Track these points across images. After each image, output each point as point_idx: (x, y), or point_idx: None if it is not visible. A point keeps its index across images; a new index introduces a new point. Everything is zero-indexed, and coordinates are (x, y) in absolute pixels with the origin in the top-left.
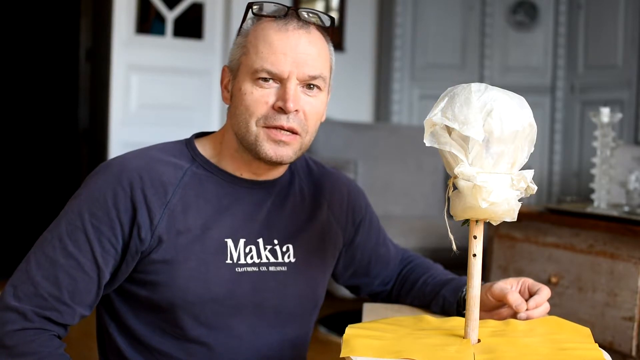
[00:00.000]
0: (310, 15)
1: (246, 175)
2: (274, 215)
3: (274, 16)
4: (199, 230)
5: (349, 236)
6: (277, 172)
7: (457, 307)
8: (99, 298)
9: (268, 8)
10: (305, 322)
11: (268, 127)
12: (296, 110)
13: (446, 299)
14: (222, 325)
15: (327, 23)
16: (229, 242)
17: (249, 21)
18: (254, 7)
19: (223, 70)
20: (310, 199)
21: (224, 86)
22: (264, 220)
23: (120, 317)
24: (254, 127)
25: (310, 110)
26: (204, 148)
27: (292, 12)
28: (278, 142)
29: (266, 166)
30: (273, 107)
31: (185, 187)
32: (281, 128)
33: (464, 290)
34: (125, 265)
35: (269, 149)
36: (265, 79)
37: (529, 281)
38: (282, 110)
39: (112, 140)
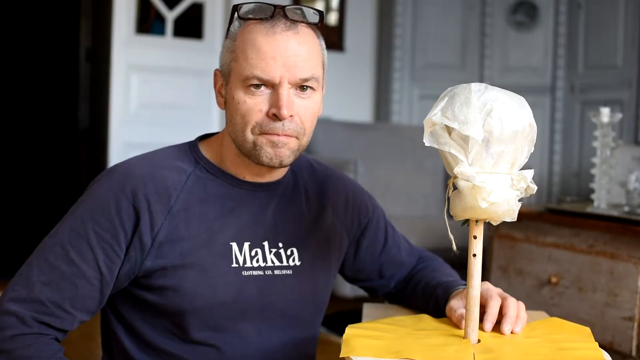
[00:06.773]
0: (297, 13)
1: (249, 177)
2: (278, 218)
3: (261, 18)
4: (204, 235)
5: (354, 238)
6: (279, 173)
7: (444, 304)
8: (102, 305)
9: (254, 9)
10: (310, 325)
11: (264, 134)
12: (291, 116)
13: (438, 298)
14: (229, 328)
15: (315, 20)
16: (234, 245)
17: (236, 23)
18: (240, 9)
19: (215, 75)
20: (315, 201)
21: (217, 90)
22: (268, 223)
23: (126, 319)
24: (250, 135)
25: (304, 112)
26: (207, 151)
27: (278, 12)
28: (276, 143)
29: (267, 168)
30: (267, 114)
31: (189, 192)
32: (277, 135)
33: (456, 288)
34: (130, 271)
35: (269, 152)
36: (257, 86)
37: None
38: (277, 117)
39: (112, 140)
